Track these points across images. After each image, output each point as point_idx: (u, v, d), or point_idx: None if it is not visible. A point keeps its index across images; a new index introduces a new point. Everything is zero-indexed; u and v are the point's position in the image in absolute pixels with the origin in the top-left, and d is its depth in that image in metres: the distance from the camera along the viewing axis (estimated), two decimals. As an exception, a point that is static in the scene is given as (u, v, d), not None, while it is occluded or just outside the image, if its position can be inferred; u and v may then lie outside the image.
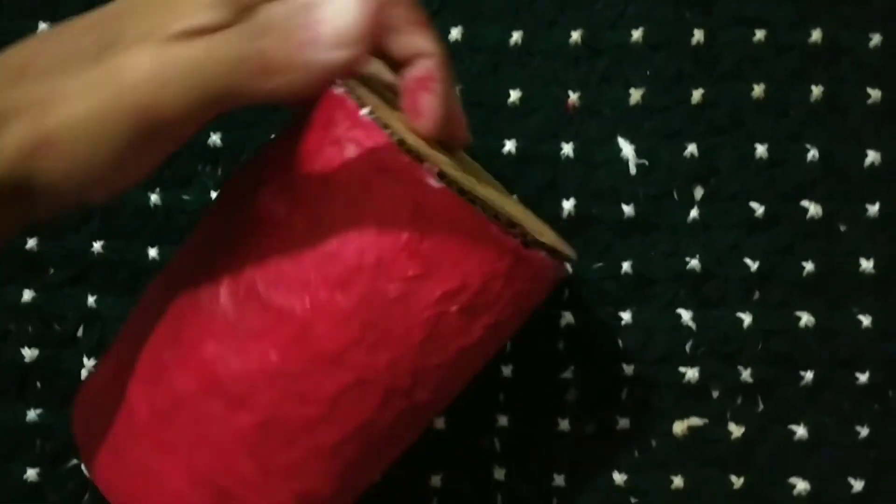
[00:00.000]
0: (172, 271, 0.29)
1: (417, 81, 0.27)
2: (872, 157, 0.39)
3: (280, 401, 0.26)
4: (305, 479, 0.27)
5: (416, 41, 0.27)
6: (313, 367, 0.26)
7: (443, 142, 0.28)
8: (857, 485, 0.38)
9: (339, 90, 0.26)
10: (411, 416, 0.28)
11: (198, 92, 0.24)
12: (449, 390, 0.29)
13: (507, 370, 0.39)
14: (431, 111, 0.27)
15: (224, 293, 0.26)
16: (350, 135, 0.26)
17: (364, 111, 0.26)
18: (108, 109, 0.23)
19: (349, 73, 0.25)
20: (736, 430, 0.38)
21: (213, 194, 0.40)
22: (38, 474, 0.39)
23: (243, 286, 0.26)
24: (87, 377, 0.30)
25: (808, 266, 0.39)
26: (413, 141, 0.26)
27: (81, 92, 0.23)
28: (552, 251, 0.28)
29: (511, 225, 0.26)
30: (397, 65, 0.27)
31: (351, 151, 0.26)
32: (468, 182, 0.27)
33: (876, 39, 0.39)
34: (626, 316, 0.39)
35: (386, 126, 0.26)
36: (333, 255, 0.26)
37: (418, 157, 0.25)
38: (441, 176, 0.25)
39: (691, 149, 0.39)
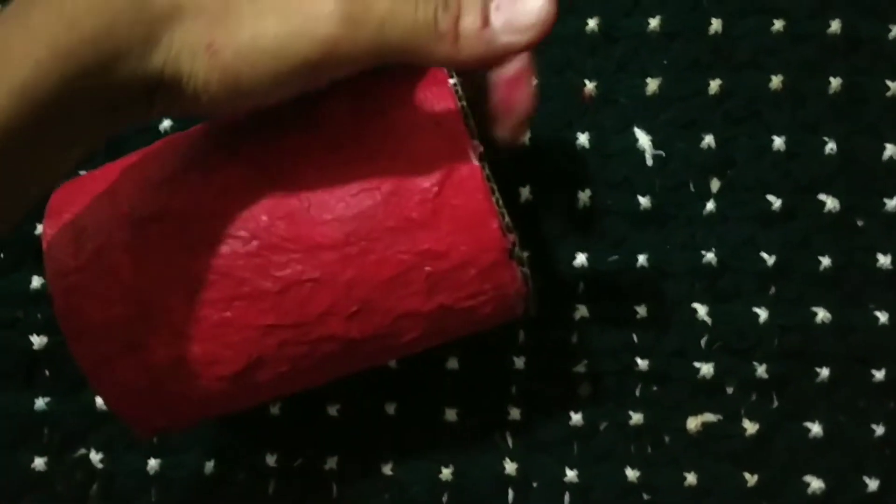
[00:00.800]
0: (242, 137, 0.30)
1: (511, 80, 0.30)
2: (891, 150, 0.38)
3: (243, 262, 0.28)
4: (218, 345, 0.28)
5: None
6: (289, 247, 0.28)
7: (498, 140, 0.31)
8: (873, 484, 0.38)
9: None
10: (336, 347, 0.29)
11: (380, 41, 0.25)
12: (376, 346, 0.30)
13: (519, 362, 0.38)
14: (527, 101, 0.30)
15: (267, 155, 0.28)
16: (431, 90, 0.28)
17: (451, 80, 0.29)
18: (295, 34, 0.24)
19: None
20: (750, 427, 0.38)
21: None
22: (46, 463, 0.38)
23: (284, 159, 0.28)
24: (76, 178, 0.31)
25: (825, 261, 0.38)
26: (472, 125, 0.29)
27: (264, 12, 0.24)
28: (525, 277, 0.29)
29: (509, 230, 0.28)
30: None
31: (425, 100, 0.28)
32: (493, 180, 0.29)
33: (896, 31, 0.39)
34: (640, 310, 0.38)
35: (461, 100, 0.29)
36: (360, 165, 0.28)
37: (472, 134, 0.28)
38: (480, 158, 0.28)
39: (708, 140, 0.39)
